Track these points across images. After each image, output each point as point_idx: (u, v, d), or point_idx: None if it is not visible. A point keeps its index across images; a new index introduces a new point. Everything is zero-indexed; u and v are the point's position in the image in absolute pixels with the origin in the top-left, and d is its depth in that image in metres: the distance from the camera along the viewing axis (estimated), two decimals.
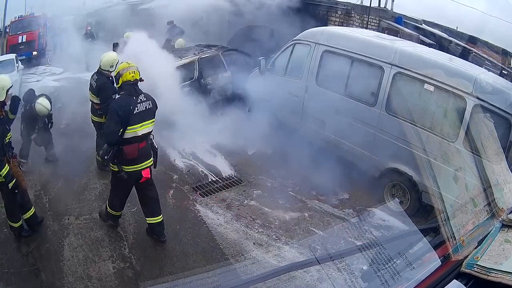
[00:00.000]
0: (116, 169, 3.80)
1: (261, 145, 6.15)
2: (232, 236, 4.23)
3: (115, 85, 4.63)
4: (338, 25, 8.79)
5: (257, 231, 4.38)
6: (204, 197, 4.96)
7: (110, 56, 5.16)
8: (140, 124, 3.70)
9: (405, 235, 1.95)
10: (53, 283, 3.48)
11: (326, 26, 7.98)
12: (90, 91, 5.16)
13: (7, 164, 3.76)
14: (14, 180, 3.80)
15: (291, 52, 6.16)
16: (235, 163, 5.80)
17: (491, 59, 8.92)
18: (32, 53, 11.19)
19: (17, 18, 11.71)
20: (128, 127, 3.63)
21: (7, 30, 11.48)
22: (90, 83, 5.15)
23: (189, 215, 4.57)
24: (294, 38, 6.17)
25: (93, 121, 5.28)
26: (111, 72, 5.07)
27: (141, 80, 3.83)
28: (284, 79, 6.18)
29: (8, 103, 4.08)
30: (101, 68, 5.09)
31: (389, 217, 4.72)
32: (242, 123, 6.69)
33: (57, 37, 11.77)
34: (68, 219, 4.34)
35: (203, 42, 8.58)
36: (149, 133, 3.84)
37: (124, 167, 3.74)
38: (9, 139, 3.88)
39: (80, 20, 12.28)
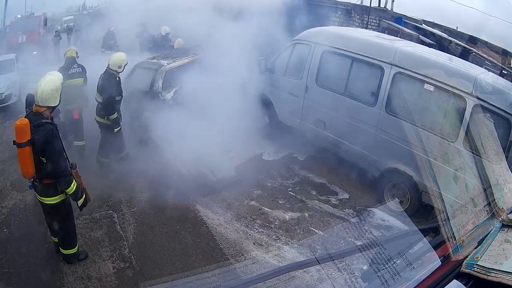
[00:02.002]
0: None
1: (261, 144, 6.15)
2: (232, 236, 4.23)
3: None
4: (338, 25, 8.80)
5: (257, 231, 4.38)
6: (204, 197, 4.96)
7: (119, 56, 5.12)
8: None
9: (405, 235, 1.95)
10: (53, 283, 3.48)
11: (326, 26, 7.97)
12: (96, 90, 5.13)
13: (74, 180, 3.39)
14: (84, 197, 3.49)
15: (291, 52, 6.16)
16: (235, 163, 5.80)
17: (491, 59, 8.92)
18: (32, 53, 11.18)
19: (17, 18, 11.71)
20: None
21: (7, 30, 11.47)
22: (97, 83, 5.12)
23: (189, 215, 4.57)
24: (294, 38, 6.17)
25: (96, 121, 5.22)
26: (119, 72, 5.04)
27: None
28: (284, 79, 6.19)
29: None
30: (109, 68, 5.05)
31: (389, 217, 4.72)
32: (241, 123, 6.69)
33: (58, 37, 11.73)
34: None
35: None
36: None
37: None
38: None
39: (80, 20, 12.25)
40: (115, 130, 5.18)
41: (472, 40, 9.32)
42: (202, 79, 6.62)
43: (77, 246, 3.71)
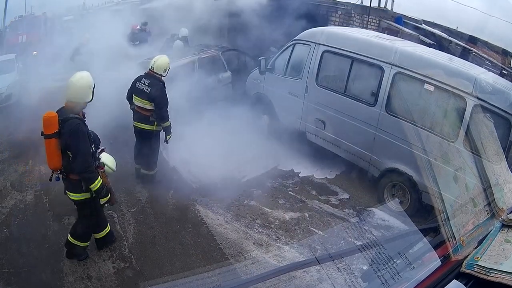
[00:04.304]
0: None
1: (261, 144, 6.15)
2: (232, 236, 4.23)
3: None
4: (338, 25, 8.80)
5: (257, 231, 4.38)
6: (204, 197, 4.96)
7: (164, 59, 4.87)
8: None
9: (405, 235, 1.95)
10: (53, 283, 3.48)
11: (326, 26, 7.97)
12: (139, 97, 4.78)
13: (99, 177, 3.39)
14: (109, 196, 3.50)
15: (291, 52, 6.16)
16: (235, 163, 5.79)
17: (491, 59, 8.91)
18: (32, 53, 11.18)
19: (17, 18, 11.70)
20: None
21: (7, 30, 11.46)
22: (140, 88, 4.77)
23: (189, 215, 4.57)
24: (294, 38, 6.17)
25: (141, 129, 4.90)
26: (163, 76, 4.84)
27: None
28: (284, 79, 6.19)
29: None
30: (153, 72, 4.79)
31: (389, 217, 4.72)
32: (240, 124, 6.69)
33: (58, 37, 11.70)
34: (68, 219, 4.33)
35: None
36: None
37: None
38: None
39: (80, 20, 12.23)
40: (167, 137, 4.96)
41: (472, 40, 9.31)
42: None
43: (87, 243, 3.72)
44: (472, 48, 8.99)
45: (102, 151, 4.16)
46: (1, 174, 5.27)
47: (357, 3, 9.41)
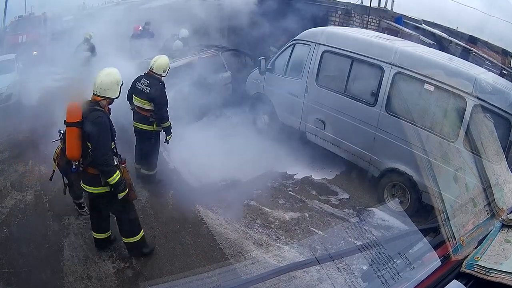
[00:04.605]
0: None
1: (261, 144, 6.15)
2: (232, 236, 4.23)
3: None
4: (338, 25, 8.80)
5: (257, 231, 4.38)
6: (204, 197, 4.96)
7: (164, 60, 4.85)
8: None
9: (405, 235, 1.95)
10: (53, 283, 3.48)
11: (326, 26, 7.98)
12: (138, 97, 4.76)
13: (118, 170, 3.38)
14: (127, 191, 3.45)
15: (291, 52, 6.16)
16: (235, 163, 5.79)
17: (491, 59, 8.91)
18: (32, 53, 11.17)
19: (17, 18, 11.69)
20: None
21: (7, 30, 11.45)
22: (139, 88, 4.75)
23: (189, 215, 4.57)
24: (294, 38, 6.17)
25: (140, 130, 4.89)
26: (163, 76, 4.82)
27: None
28: (284, 79, 6.19)
29: None
30: (153, 72, 4.77)
31: (389, 217, 4.72)
32: (240, 124, 6.70)
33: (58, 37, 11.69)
34: (68, 219, 4.34)
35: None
36: None
37: None
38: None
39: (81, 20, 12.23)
40: (167, 138, 4.94)
41: (472, 40, 9.31)
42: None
43: (139, 235, 3.71)
44: (472, 48, 8.99)
45: None
46: (1, 174, 5.26)
47: (357, 3, 9.41)
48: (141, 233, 3.75)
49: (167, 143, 5.08)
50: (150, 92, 4.68)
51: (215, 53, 7.58)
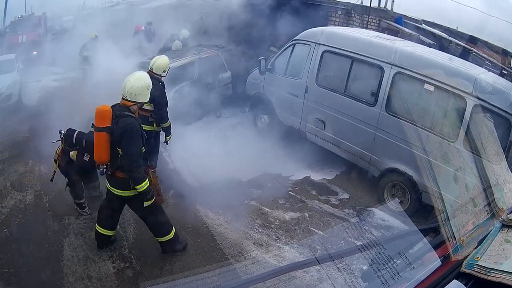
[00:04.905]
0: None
1: (261, 144, 6.15)
2: (232, 236, 4.23)
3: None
4: (338, 25, 8.80)
5: (257, 231, 4.38)
6: (204, 197, 4.95)
7: (164, 60, 4.84)
8: None
9: (405, 235, 1.95)
10: (53, 283, 3.48)
11: (326, 26, 7.98)
12: None
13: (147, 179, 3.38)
14: (153, 199, 3.45)
15: (291, 52, 6.16)
16: (235, 163, 5.79)
17: (491, 59, 8.91)
18: (32, 53, 11.17)
19: (17, 18, 11.69)
20: None
21: (7, 30, 11.45)
22: None
23: (189, 215, 4.57)
24: (294, 38, 6.17)
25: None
26: (162, 76, 4.81)
27: None
28: (284, 79, 6.19)
29: None
30: (153, 72, 4.72)
31: (389, 217, 4.72)
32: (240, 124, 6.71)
33: (58, 37, 11.68)
34: (68, 219, 4.33)
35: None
36: None
37: None
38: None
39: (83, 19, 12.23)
40: (167, 138, 4.95)
41: (472, 40, 9.30)
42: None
43: (171, 233, 3.74)
44: (472, 48, 8.99)
45: None
46: (1, 174, 5.26)
47: (357, 3, 9.40)
48: (173, 231, 3.77)
49: (167, 144, 5.08)
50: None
51: (215, 53, 7.59)
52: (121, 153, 3.28)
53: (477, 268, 1.48)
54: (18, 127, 6.44)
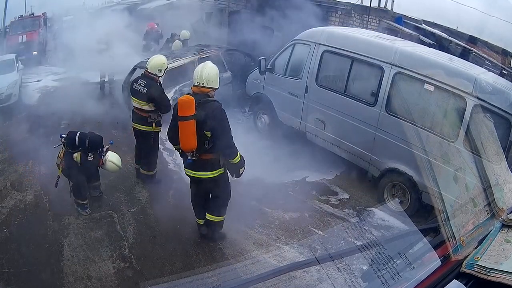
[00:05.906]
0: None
1: (260, 144, 6.15)
2: (232, 236, 4.23)
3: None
4: (338, 25, 8.80)
5: (257, 231, 4.38)
6: None
7: (158, 59, 4.83)
8: None
9: (405, 235, 1.95)
10: (53, 283, 3.48)
11: (326, 26, 7.98)
12: (136, 98, 4.72)
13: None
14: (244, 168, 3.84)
15: (291, 52, 6.16)
16: None
17: (491, 59, 8.91)
18: (32, 53, 11.17)
19: (17, 18, 11.69)
20: None
21: (7, 30, 11.45)
22: (137, 89, 4.70)
23: (189, 215, 4.56)
24: (294, 38, 6.17)
25: (139, 130, 4.87)
26: (159, 76, 4.78)
27: None
28: (284, 79, 6.19)
29: None
30: (148, 72, 4.75)
31: (389, 217, 4.72)
32: (240, 124, 6.69)
33: (58, 37, 11.68)
34: (68, 219, 4.34)
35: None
36: None
37: None
38: None
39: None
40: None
41: (472, 40, 9.30)
42: None
43: (223, 216, 3.99)
44: (472, 48, 8.99)
45: (107, 149, 4.23)
46: (1, 174, 5.27)
47: (357, 3, 9.41)
48: (225, 216, 3.98)
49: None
50: (147, 92, 4.67)
51: (215, 53, 7.58)
52: (209, 136, 3.49)
53: (477, 268, 1.48)
54: (18, 127, 6.44)
